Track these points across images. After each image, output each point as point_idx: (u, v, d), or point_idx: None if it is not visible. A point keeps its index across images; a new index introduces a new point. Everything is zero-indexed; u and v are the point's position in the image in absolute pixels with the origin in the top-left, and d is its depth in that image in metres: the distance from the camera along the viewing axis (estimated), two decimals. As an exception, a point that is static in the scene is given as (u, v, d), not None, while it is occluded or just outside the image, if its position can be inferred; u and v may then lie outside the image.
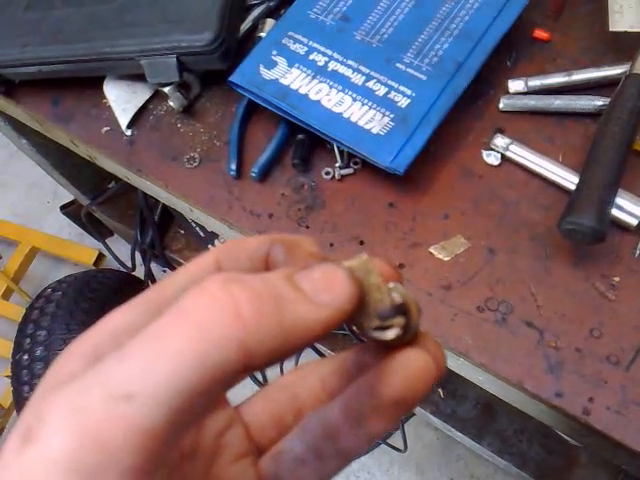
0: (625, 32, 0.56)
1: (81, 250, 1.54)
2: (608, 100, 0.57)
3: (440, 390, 1.05)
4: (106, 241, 1.33)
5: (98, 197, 1.20)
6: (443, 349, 0.22)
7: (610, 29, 0.56)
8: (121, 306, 0.21)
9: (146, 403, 0.16)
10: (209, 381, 0.17)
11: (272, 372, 1.11)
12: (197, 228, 1.13)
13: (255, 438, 0.26)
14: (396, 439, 1.12)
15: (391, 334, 0.21)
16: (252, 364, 0.17)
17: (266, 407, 0.26)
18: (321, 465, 0.24)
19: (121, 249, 1.34)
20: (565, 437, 0.90)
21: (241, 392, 0.26)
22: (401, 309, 0.21)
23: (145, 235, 1.23)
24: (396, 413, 0.22)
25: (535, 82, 0.61)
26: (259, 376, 1.14)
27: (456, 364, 0.56)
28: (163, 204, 1.17)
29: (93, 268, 1.50)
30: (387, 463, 1.31)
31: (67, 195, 1.26)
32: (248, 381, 1.12)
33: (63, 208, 1.36)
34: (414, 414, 1.11)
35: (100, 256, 1.53)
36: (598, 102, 0.59)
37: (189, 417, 0.17)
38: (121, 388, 0.16)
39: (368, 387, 0.22)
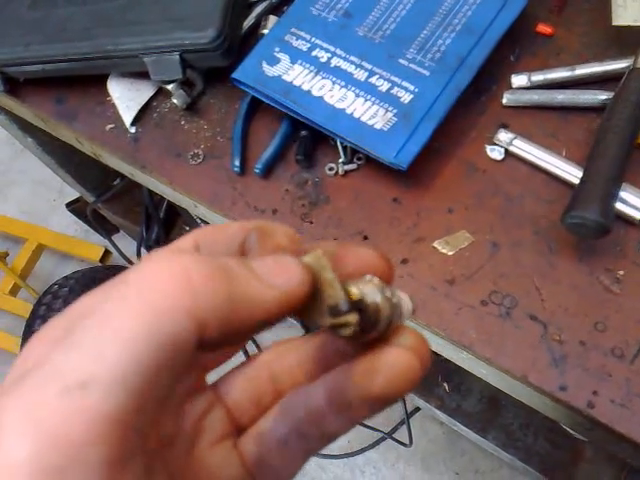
0: (628, 26, 0.56)
1: (87, 247, 1.55)
2: (612, 94, 0.57)
3: (445, 384, 1.05)
4: (112, 238, 1.34)
5: (103, 194, 1.20)
6: (428, 344, 0.22)
7: (613, 23, 0.56)
8: (94, 289, 0.20)
9: (102, 388, 0.15)
10: (164, 354, 0.16)
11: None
12: (202, 224, 1.13)
13: (235, 418, 0.26)
14: (401, 434, 1.12)
15: (346, 332, 0.20)
16: (205, 337, 0.17)
17: (245, 387, 0.26)
18: (304, 445, 0.24)
19: (127, 246, 1.35)
20: (570, 431, 0.90)
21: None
22: (355, 306, 0.20)
23: (151, 232, 1.23)
24: (381, 406, 0.22)
25: (538, 77, 0.61)
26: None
27: (460, 358, 0.56)
28: (168, 200, 1.18)
29: (99, 264, 1.51)
30: (393, 458, 1.32)
31: (73, 192, 1.27)
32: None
33: (69, 205, 1.37)
34: (419, 409, 1.11)
35: (106, 253, 1.54)
36: (602, 96, 0.58)
37: (153, 396, 0.16)
38: (74, 377, 0.15)
39: (352, 380, 0.22)
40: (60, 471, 0.15)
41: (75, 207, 1.36)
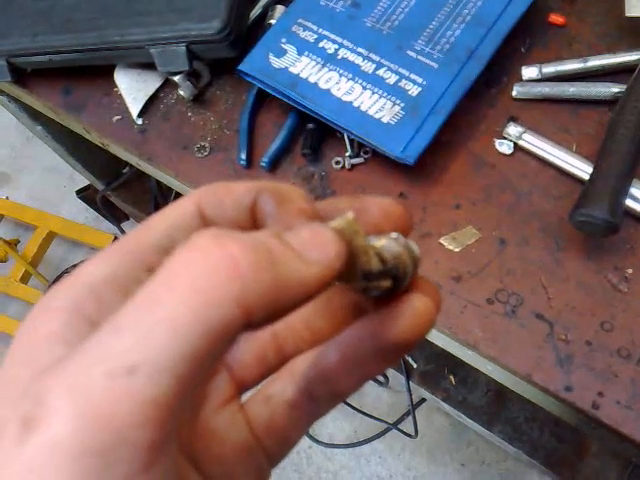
0: (643, 17, 0.55)
1: (97, 234, 1.56)
2: (624, 87, 0.55)
3: (451, 377, 1.05)
4: (121, 225, 1.34)
5: (113, 182, 1.20)
6: (438, 290, 0.23)
7: (627, 14, 0.55)
8: (95, 255, 0.20)
9: (149, 374, 0.15)
10: (211, 342, 0.16)
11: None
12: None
13: (238, 378, 0.26)
14: (407, 425, 1.12)
15: (377, 292, 0.21)
16: (251, 321, 0.17)
17: (248, 346, 0.26)
18: (315, 407, 0.24)
19: (136, 234, 1.35)
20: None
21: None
22: (388, 272, 0.21)
23: (159, 220, 1.23)
24: (397, 356, 0.23)
25: (549, 69, 0.59)
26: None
27: (465, 354, 0.56)
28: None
29: (109, 252, 1.52)
30: (398, 448, 1.32)
31: (83, 179, 1.27)
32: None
33: (79, 193, 1.38)
34: (425, 400, 1.11)
35: (116, 240, 1.55)
36: (614, 89, 0.57)
37: (195, 382, 0.16)
38: (121, 361, 0.15)
39: (370, 332, 0.22)
40: (103, 451, 0.15)
41: (85, 194, 1.37)
